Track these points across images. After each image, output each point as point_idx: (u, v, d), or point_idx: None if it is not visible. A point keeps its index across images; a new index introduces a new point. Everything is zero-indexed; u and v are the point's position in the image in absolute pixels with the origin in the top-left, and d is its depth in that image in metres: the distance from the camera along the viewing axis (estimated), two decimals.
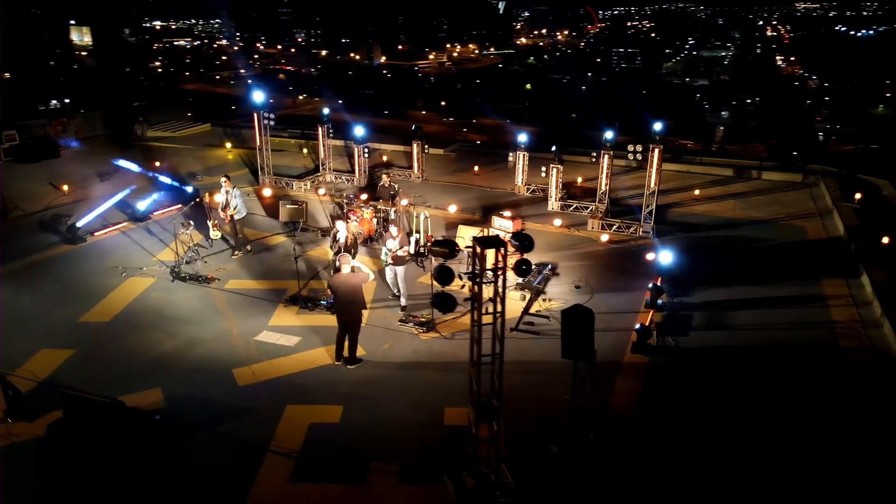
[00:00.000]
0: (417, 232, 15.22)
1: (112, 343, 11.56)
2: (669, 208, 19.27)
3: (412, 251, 15.19)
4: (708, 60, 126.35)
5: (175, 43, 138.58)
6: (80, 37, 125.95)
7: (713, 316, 13.01)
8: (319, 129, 20.83)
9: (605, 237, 16.81)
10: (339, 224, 13.30)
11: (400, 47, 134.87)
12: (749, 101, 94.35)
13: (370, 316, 12.83)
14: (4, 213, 17.71)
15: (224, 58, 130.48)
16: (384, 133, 28.55)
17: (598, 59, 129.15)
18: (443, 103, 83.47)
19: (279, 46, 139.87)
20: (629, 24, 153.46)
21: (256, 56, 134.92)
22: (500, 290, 7.65)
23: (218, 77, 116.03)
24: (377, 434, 9.45)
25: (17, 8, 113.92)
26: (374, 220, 16.30)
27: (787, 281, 14.42)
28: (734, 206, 19.54)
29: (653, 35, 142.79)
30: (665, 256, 14.05)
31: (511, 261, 8.23)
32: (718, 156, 26.02)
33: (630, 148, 17.05)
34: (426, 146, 21.26)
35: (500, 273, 7.58)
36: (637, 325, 11.60)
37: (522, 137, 19.74)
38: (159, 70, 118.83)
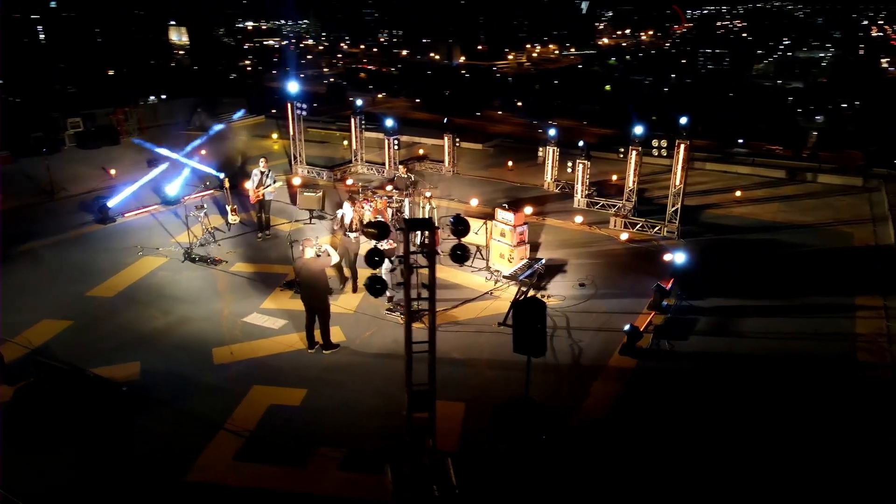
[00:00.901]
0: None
1: (109, 317, 12.02)
2: (705, 209, 18.33)
3: (417, 242, 15.06)
4: (804, 62, 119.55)
5: (264, 42, 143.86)
6: (179, 36, 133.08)
7: (721, 321, 12.24)
8: (352, 120, 21.02)
9: (624, 236, 16.12)
10: (346, 205, 13.46)
11: (479, 47, 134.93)
12: (847, 105, 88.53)
13: (360, 303, 12.86)
14: (52, 194, 18.85)
15: (309, 57, 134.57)
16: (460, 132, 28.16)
17: (683, 60, 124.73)
18: (519, 103, 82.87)
19: (362, 46, 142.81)
20: (719, 23, 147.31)
21: (340, 55, 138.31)
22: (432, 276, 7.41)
23: (302, 76, 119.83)
24: (334, 419, 9.38)
25: (123, 9, 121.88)
26: (388, 210, 16.23)
27: (815, 289, 13.45)
28: (778, 210, 18.37)
29: (744, 35, 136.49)
30: (680, 258, 13.39)
31: (509, 253, 7.99)
32: (810, 161, 24.35)
33: (654, 143, 16.27)
34: (457, 140, 21.07)
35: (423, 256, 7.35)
36: (626, 327, 11.02)
37: (552, 132, 19.22)
38: (248, 68, 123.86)
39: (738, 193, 19.31)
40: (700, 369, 10.76)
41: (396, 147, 20.58)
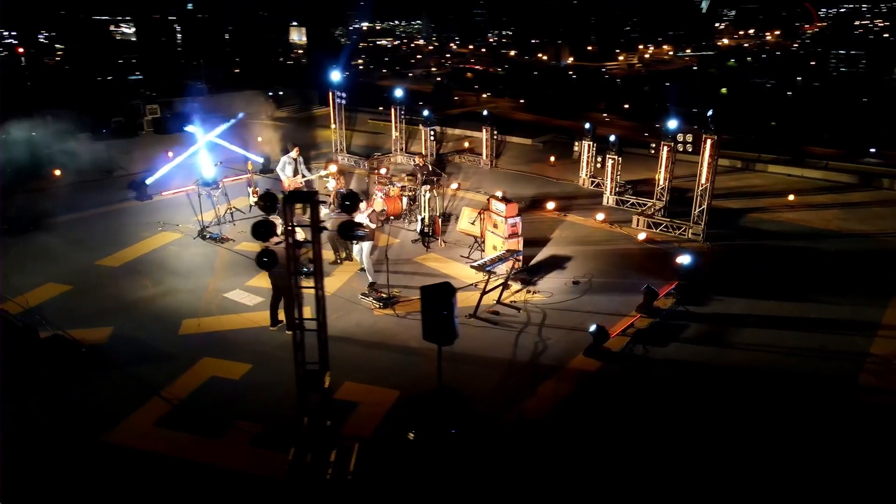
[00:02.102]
0: (432, 211, 14.82)
1: (105, 285, 12.71)
2: (748, 212, 16.92)
3: (418, 231, 14.92)
4: None
5: (378, 42, 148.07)
6: (300, 36, 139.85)
7: (714, 330, 11.23)
8: (393, 110, 21.11)
9: (642, 235, 15.15)
10: (331, 182, 14.10)
11: (589, 48, 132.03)
12: None
13: (342, 287, 12.86)
14: (110, 172, 20.29)
15: (419, 56, 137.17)
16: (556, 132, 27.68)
17: (813, 63, 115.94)
18: (626, 106, 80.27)
19: (471, 46, 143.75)
20: (857, 22, 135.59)
21: (448, 55, 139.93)
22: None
23: (410, 74, 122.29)
24: (265, 395, 9.37)
25: (248, 9, 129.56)
26: (404, 199, 16.19)
27: (840, 302, 12.02)
28: (834, 217, 16.62)
29: (885, 35, 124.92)
30: (688, 260, 12.42)
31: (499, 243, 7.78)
32: None
33: (679, 138, 15.15)
34: (496, 133, 20.65)
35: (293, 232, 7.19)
36: (592, 328, 10.31)
37: (587, 125, 18.40)
38: (360, 67, 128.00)
39: (790, 197, 17.64)
40: (667, 378, 9.90)
41: (432, 138, 20.46)
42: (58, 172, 19.50)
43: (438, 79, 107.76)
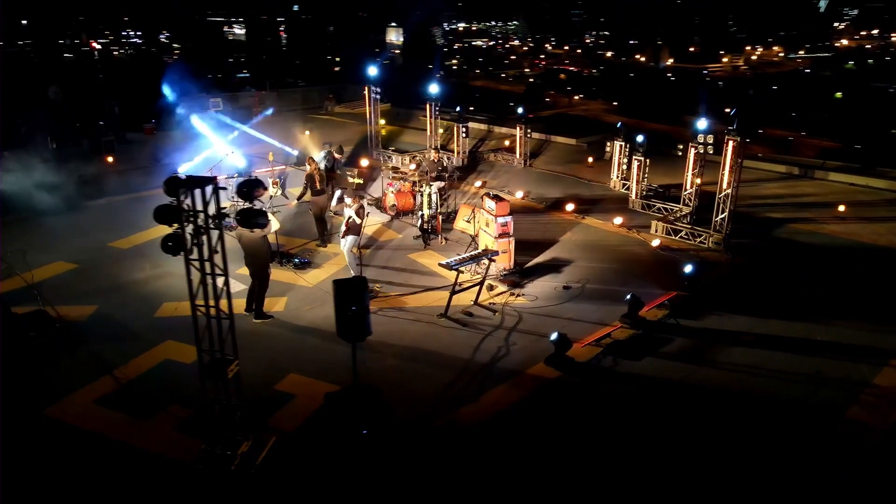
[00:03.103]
0: (430, 208, 14.52)
1: (108, 265, 13.23)
2: (788, 223, 15.52)
3: (419, 227, 14.66)
4: None
5: (473, 43, 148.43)
6: (398, 36, 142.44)
7: (700, 346, 10.37)
8: (428, 106, 20.93)
9: (655, 242, 14.18)
10: (307, 168, 14.28)
11: (691, 49, 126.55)
12: None
13: (327, 279, 12.72)
14: (160, 160, 21.31)
15: (513, 57, 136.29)
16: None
17: None
18: (727, 110, 76.16)
19: (566, 47, 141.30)
20: None
21: (542, 56, 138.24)
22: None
23: (503, 75, 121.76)
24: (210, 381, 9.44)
25: (349, 10, 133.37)
26: (417, 195, 15.97)
27: (860, 327, 10.76)
28: (888, 231, 14.97)
29: None
30: (689, 269, 11.58)
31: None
32: None
33: (700, 139, 14.05)
34: (529, 131, 20.04)
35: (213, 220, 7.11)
36: (553, 336, 9.70)
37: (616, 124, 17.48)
38: (454, 67, 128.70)
39: (840, 208, 16.01)
40: (627, 393, 9.17)
41: (465, 135, 20.11)
42: (110, 159, 20.67)
43: (531, 80, 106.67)
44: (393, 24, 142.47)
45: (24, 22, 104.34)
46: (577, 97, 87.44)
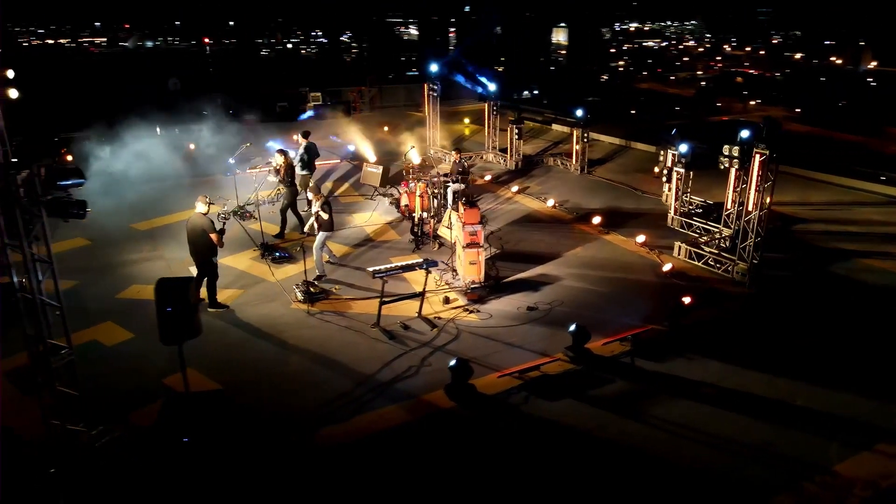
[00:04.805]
0: (424, 210, 13.74)
1: (116, 245, 13.91)
2: (858, 257, 12.86)
3: (410, 230, 13.98)
4: None
5: (644, 44, 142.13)
6: (565, 37, 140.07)
7: (641, 393, 8.80)
8: (486, 107, 20.01)
9: (667, 266, 12.29)
10: (277, 156, 14.30)
11: None
12: None
13: (293, 276, 12.50)
14: (235, 149, 22.40)
15: (686, 59, 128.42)
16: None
17: None
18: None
19: (748, 48, 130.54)
20: None
21: (719, 58, 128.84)
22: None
23: (673, 78, 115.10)
24: (112, 366, 9.48)
25: (516, 10, 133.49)
26: (432, 197, 15.26)
27: (868, 396, 8.59)
28: None
29: None
30: (688, 300, 10.02)
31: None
32: None
33: (725, 151, 11.89)
34: (587, 136, 18.41)
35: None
36: (452, 362, 8.65)
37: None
38: (620, 69, 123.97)
39: None
40: (518, 435, 7.95)
41: (517, 137, 18.94)
42: (192, 146, 22.09)
43: (703, 83, 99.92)
44: (562, 24, 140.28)
45: (231, 23, 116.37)
46: (753, 102, 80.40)
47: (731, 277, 11.96)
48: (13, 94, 16.67)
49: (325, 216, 12.00)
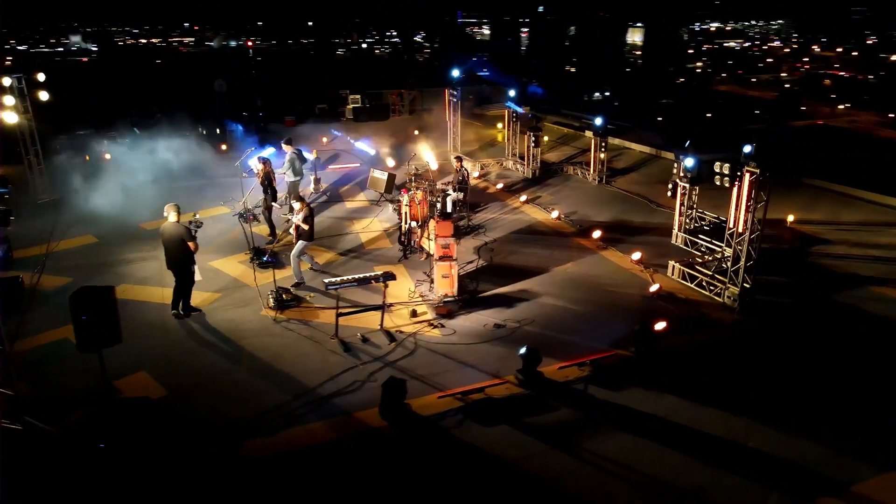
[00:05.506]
0: (414, 220, 13.54)
1: (120, 243, 14.26)
2: (874, 284, 11.85)
3: (397, 240, 13.83)
4: None
5: (724, 44, 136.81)
6: (641, 37, 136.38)
7: (582, 424, 8.45)
8: (506, 112, 19.61)
9: (654, 287, 11.64)
10: (254, 161, 14.54)
11: None
12: None
13: (271, 282, 12.55)
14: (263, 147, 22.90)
15: (769, 60, 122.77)
16: None
17: None
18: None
19: (839, 49, 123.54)
20: None
21: (807, 59, 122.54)
22: None
23: (754, 80, 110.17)
24: (70, 363, 9.56)
25: (588, 10, 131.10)
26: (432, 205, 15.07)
27: (836, 444, 7.90)
28: None
29: None
30: (660, 325, 9.59)
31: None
32: None
33: (716, 168, 11.11)
34: (604, 146, 17.74)
35: None
36: (386, 380, 8.46)
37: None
38: (697, 70, 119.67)
39: None
40: (433, 462, 7.71)
41: (534, 144, 18.45)
42: (224, 147, 22.71)
43: (787, 85, 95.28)
44: (639, 24, 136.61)
45: (311, 24, 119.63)
46: (841, 106, 76.09)
47: (721, 301, 11.22)
48: (44, 96, 17.45)
49: (305, 227, 12.00)
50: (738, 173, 10.61)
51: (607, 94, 54.08)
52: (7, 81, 16.15)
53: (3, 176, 8.48)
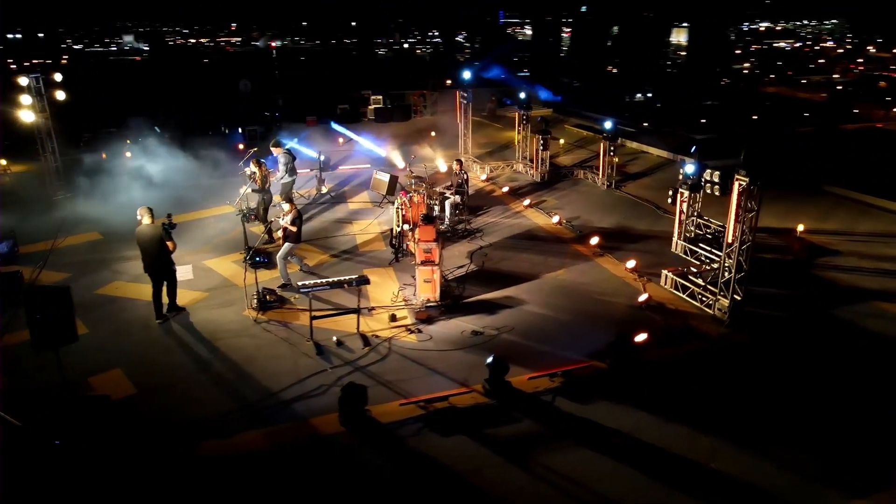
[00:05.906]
0: (406, 223, 13.41)
1: (123, 241, 14.11)
2: (877, 299, 11.28)
3: (389, 243, 13.76)
4: None
5: (774, 44, 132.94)
6: (686, 37, 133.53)
7: (541, 437, 8.20)
8: (516, 116, 19.34)
9: (643, 297, 11.28)
10: (251, 164, 14.57)
11: None
12: None
13: (267, 279, 12.59)
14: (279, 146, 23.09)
15: (821, 61, 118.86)
16: None
17: None
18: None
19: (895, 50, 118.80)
20: None
21: (861, 60, 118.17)
22: None
23: (804, 81, 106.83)
24: (48, 358, 9.85)
25: (634, 10, 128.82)
26: (432, 206, 14.97)
27: (817, 465, 7.48)
28: None
29: None
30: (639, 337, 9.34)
31: None
32: None
33: (707, 176, 10.68)
34: (612, 149, 17.31)
35: None
36: (344, 388, 8.38)
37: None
38: (745, 71, 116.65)
39: None
40: (385, 470, 7.62)
41: (543, 147, 18.14)
42: (241, 146, 22.98)
43: (839, 87, 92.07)
44: (684, 24, 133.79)
45: (354, 24, 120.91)
46: None
47: (711, 313, 10.80)
48: (60, 95, 17.91)
49: (293, 229, 12.00)
50: (729, 182, 10.18)
51: (649, 95, 52.92)
52: (24, 81, 16.71)
53: None
